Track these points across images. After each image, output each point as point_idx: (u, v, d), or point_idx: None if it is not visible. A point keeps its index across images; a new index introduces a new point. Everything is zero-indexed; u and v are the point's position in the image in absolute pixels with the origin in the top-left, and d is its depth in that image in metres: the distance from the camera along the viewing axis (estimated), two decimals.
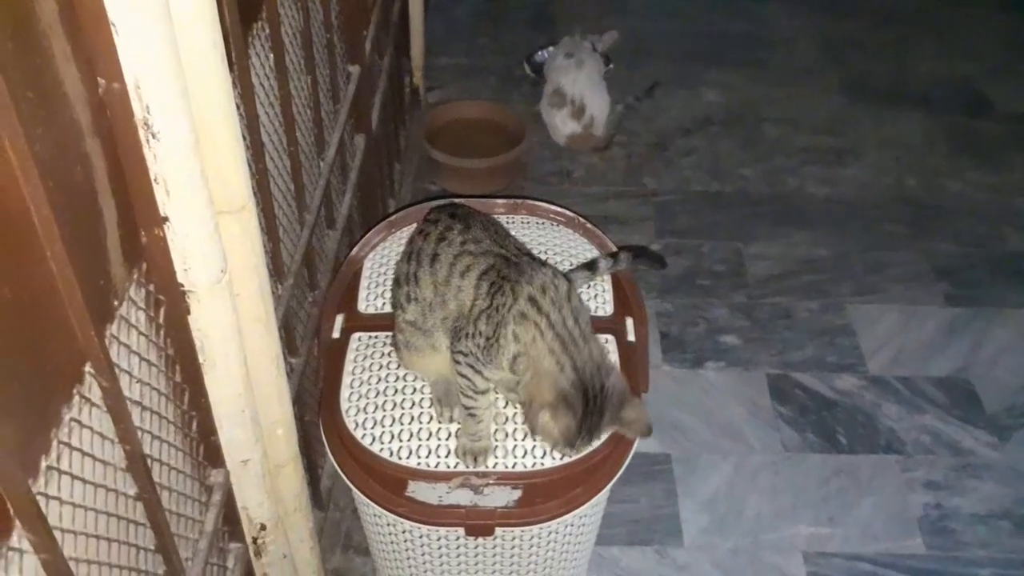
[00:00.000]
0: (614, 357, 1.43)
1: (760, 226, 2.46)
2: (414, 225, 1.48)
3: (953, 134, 2.82)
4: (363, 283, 1.53)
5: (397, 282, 1.33)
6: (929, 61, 3.14)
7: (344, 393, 1.39)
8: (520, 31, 3.19)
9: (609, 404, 1.17)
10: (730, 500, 1.83)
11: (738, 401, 2.01)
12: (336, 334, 1.47)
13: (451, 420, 1.33)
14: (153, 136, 0.81)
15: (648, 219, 2.47)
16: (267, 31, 1.25)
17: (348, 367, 1.42)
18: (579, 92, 2.57)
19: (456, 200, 1.44)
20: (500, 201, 1.66)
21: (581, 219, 1.62)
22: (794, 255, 2.37)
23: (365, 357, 1.43)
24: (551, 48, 2.95)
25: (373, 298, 1.50)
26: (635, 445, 1.40)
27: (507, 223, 1.61)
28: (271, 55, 1.28)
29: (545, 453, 1.32)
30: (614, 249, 1.55)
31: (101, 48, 0.75)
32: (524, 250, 1.29)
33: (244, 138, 1.16)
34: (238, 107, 1.13)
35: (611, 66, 2.93)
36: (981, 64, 3.13)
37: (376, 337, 1.45)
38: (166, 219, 0.87)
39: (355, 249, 1.55)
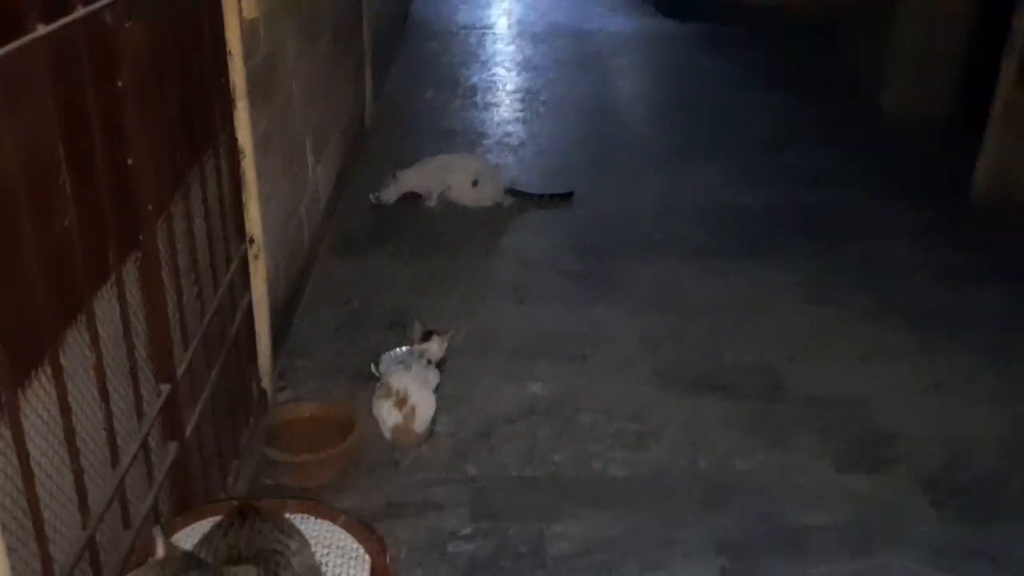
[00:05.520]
0: None
1: (565, 507, 2.72)
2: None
3: (748, 417, 3.17)
4: None
5: None
6: (735, 350, 3.57)
7: None
8: (376, 335, 3.57)
9: None
10: None
11: None
12: None
13: None
14: None
15: (465, 504, 2.72)
16: (49, 371, 1.55)
17: None
18: (404, 385, 2.91)
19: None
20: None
21: (345, 515, 1.89)
22: (592, 535, 2.61)
23: None
24: (397, 350, 3.32)
25: None
26: None
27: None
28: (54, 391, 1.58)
29: None
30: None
31: None
32: None
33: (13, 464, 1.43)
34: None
35: (448, 363, 3.30)
36: (782, 352, 3.56)
37: None
38: None
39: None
